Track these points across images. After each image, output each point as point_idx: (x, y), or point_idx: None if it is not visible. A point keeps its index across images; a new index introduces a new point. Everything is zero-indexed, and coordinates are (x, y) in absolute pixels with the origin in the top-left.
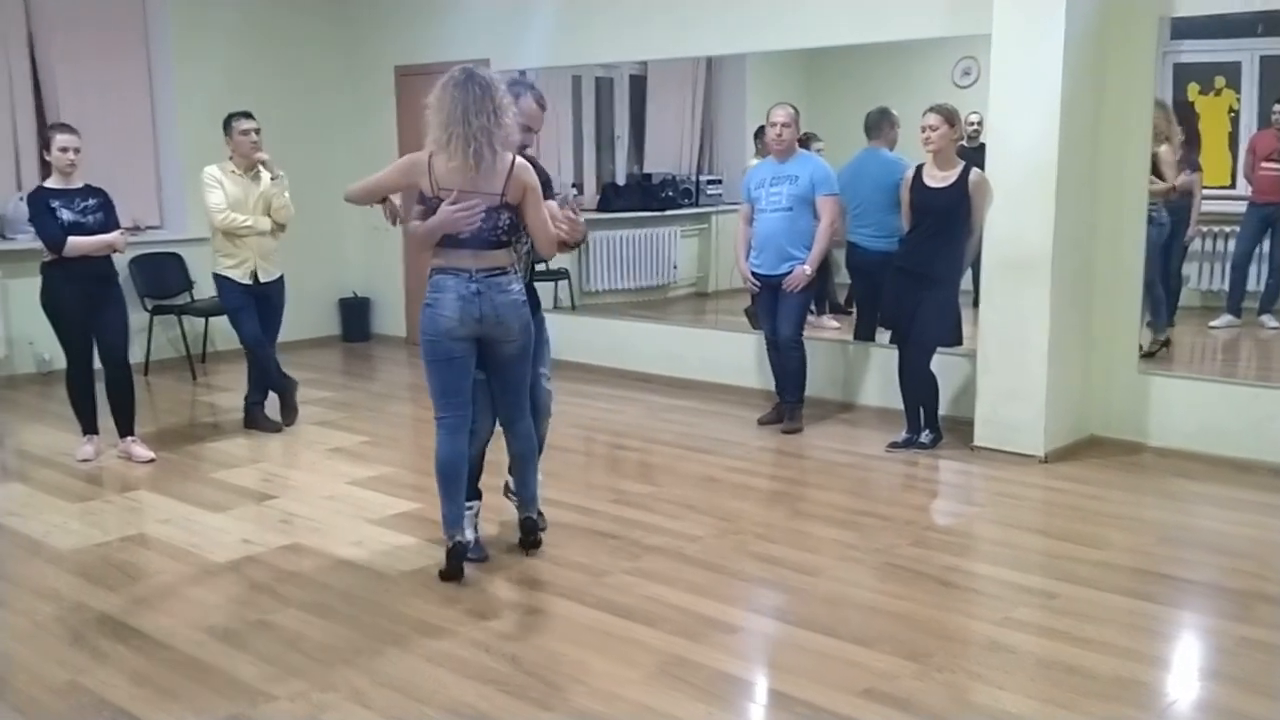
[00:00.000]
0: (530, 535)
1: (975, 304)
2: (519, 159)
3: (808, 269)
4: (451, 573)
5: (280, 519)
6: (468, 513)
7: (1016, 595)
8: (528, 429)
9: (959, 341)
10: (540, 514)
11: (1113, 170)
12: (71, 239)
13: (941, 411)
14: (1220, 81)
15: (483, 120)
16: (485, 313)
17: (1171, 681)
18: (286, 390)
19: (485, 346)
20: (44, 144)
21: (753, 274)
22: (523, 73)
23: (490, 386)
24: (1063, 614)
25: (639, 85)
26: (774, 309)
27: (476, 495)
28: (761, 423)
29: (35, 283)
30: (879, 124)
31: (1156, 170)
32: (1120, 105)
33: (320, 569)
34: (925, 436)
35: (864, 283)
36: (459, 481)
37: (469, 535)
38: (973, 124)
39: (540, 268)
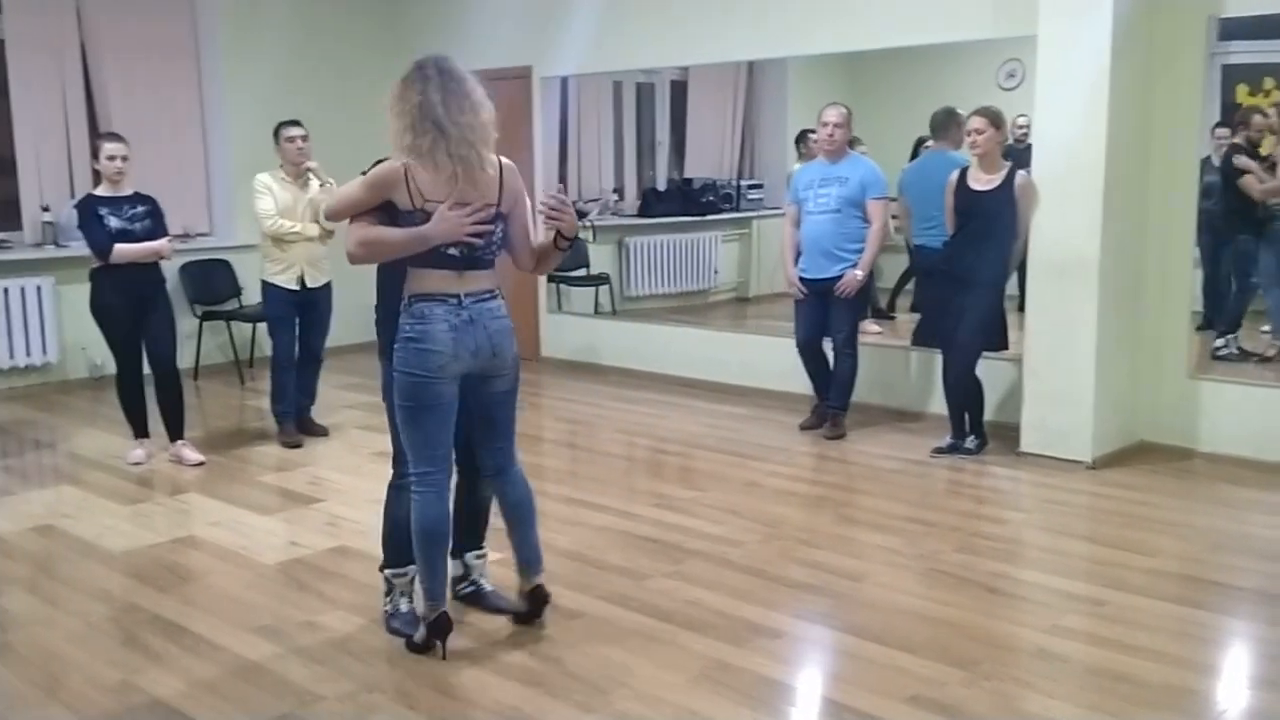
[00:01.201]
0: (540, 606)
1: (1021, 308)
2: (505, 160)
3: (859, 273)
4: (428, 646)
5: (327, 522)
6: (479, 561)
7: (1065, 602)
8: (522, 475)
9: (1004, 346)
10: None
11: (1162, 173)
12: (118, 246)
13: (987, 417)
14: (1269, 83)
15: (467, 118)
16: (480, 344)
17: (1223, 690)
18: (304, 412)
19: (470, 384)
20: (93, 152)
21: (800, 279)
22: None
23: (471, 431)
24: (1112, 622)
25: (680, 90)
26: (817, 314)
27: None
28: (803, 428)
29: (87, 289)
30: (945, 124)
31: None
32: (1169, 107)
33: (366, 571)
34: (970, 442)
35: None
36: (443, 546)
37: (488, 586)
38: (1021, 126)
39: (580, 273)
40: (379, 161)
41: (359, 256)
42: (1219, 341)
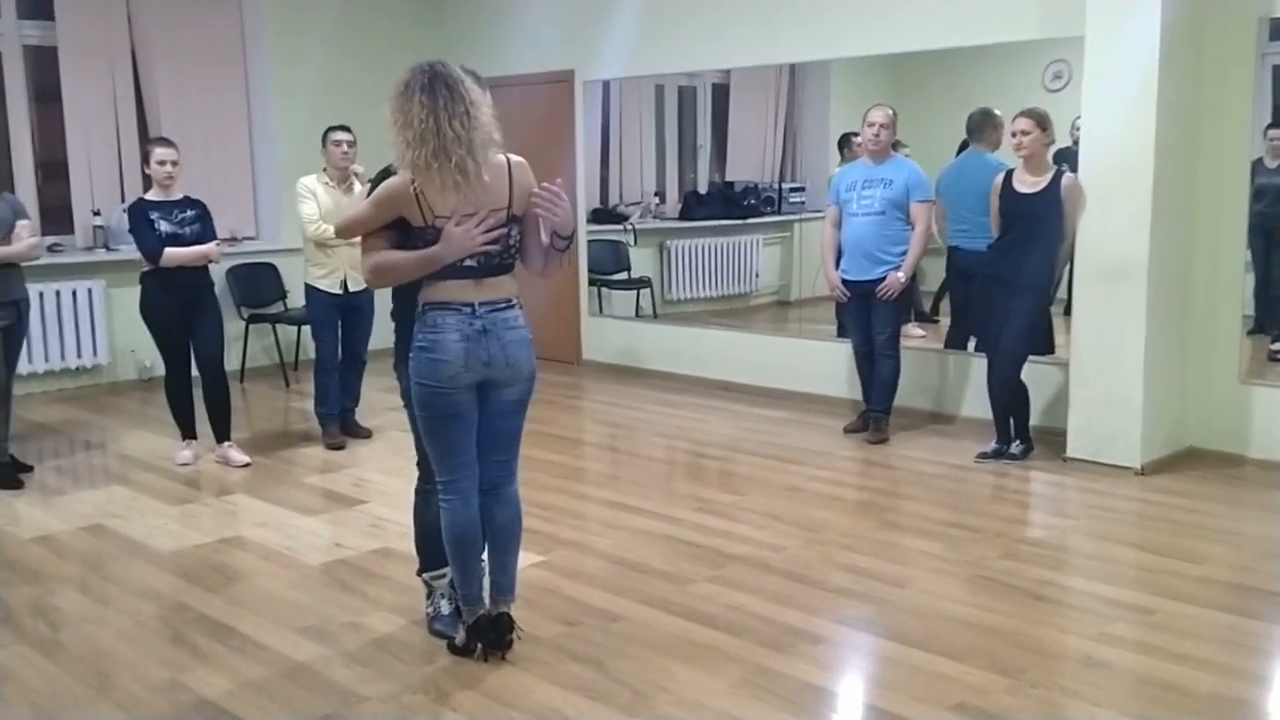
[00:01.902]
0: (504, 635)
1: (1067, 311)
2: (514, 157)
3: (902, 276)
4: (469, 648)
5: (370, 523)
6: (441, 580)
7: (1112, 610)
8: (516, 495)
9: (1050, 350)
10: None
11: (1212, 175)
12: (168, 250)
13: (1033, 422)
14: None
15: (457, 127)
16: (494, 355)
17: (1273, 700)
18: (348, 414)
19: (481, 389)
20: (144, 157)
21: (842, 281)
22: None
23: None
24: (1160, 630)
25: (722, 93)
26: (864, 317)
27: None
28: (847, 431)
29: (137, 292)
30: (981, 126)
31: None
32: (1219, 108)
33: (409, 572)
34: (1016, 447)
35: (966, 287)
36: (475, 549)
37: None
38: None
39: (621, 276)
40: (386, 169)
41: (374, 284)
42: (1276, 345)
